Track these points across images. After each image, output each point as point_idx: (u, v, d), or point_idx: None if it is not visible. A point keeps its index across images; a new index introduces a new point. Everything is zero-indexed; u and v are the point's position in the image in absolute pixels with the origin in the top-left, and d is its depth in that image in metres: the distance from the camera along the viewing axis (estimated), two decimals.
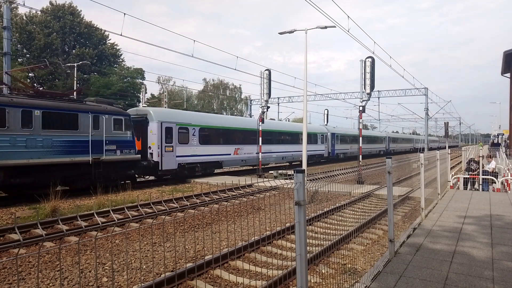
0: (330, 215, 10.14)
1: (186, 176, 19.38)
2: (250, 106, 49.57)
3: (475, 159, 15.84)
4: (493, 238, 6.54)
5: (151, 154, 17.32)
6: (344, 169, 5.08)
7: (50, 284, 5.76)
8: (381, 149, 51.49)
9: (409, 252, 5.75)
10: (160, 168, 17.39)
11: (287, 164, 30.67)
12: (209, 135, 21.07)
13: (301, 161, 29.48)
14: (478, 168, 14.98)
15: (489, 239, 6.48)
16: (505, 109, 46.80)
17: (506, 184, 14.15)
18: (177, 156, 18.39)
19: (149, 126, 17.57)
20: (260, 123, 22.51)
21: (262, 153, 23.82)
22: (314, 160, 32.29)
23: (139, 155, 16.35)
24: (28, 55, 46.84)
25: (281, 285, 5.39)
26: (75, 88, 35.90)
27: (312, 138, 32.27)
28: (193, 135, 19.60)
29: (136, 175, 17.66)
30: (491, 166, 15.01)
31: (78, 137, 13.89)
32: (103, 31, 51.47)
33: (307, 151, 29.05)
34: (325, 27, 17.63)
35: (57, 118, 13.33)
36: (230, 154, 22.60)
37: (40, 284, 5.73)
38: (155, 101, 56.07)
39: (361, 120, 20.45)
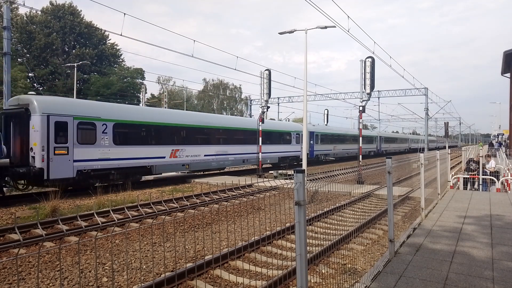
0: (330, 215, 10.14)
1: (93, 186, 14.96)
2: (250, 106, 49.67)
3: (474, 159, 15.81)
4: (493, 238, 6.54)
5: (33, 157, 12.96)
6: (344, 169, 5.08)
7: (50, 284, 5.76)
8: (371, 150, 47.26)
9: (409, 252, 5.75)
10: (46, 177, 12.92)
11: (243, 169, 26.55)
12: (130, 133, 16.28)
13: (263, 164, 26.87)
14: (478, 168, 14.97)
15: (489, 239, 6.48)
16: (505, 109, 46.85)
17: (506, 184, 14.15)
18: (75, 161, 13.89)
19: (31, 121, 13.12)
20: (260, 123, 22.49)
21: (204, 155, 20.02)
22: (286, 162, 27.32)
23: (7, 160, 12.46)
24: (28, 55, 46.86)
25: (281, 285, 5.39)
26: (75, 89, 35.93)
27: (283, 137, 27.51)
28: (103, 132, 14.87)
29: (13, 186, 13.84)
30: (491, 165, 15.00)
31: None
32: (103, 31, 51.55)
33: (273, 152, 26.03)
34: (325, 27, 17.64)
35: None
36: (164, 157, 17.66)
37: (40, 284, 5.73)
38: (155, 101, 56.15)
39: (361, 120, 20.46)
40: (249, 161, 24.11)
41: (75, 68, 36.82)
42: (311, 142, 31.44)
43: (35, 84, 43.23)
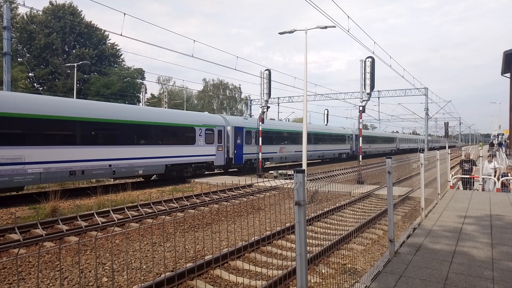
0: (330, 215, 10.14)
1: None
2: (250, 106, 49.67)
3: (464, 158, 15.45)
4: (493, 238, 6.54)
5: None
6: (344, 169, 5.08)
7: (50, 284, 5.76)
8: (344, 152, 39.14)
9: (409, 252, 5.75)
10: None
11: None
12: None
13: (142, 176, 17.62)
14: (471, 167, 14.79)
15: (489, 239, 6.48)
16: (505, 109, 46.91)
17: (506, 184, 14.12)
18: None
19: None
20: (260, 123, 22.47)
21: (17, 164, 11.67)
22: (187, 172, 19.04)
23: None
24: (28, 55, 46.86)
25: (281, 285, 5.39)
26: (75, 88, 35.92)
27: (180, 134, 18.46)
28: None
29: None
30: (494, 166, 14.90)
31: None
32: (103, 31, 51.58)
33: (152, 157, 16.61)
34: (325, 27, 17.65)
35: None
36: None
37: (40, 284, 5.73)
38: (155, 101, 56.16)
39: (361, 120, 20.46)
40: (88, 173, 14.14)
41: (75, 68, 36.82)
42: (237, 141, 22.66)
43: (35, 84, 43.24)
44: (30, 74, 43.14)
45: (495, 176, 14.53)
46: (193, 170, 19.44)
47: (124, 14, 14.98)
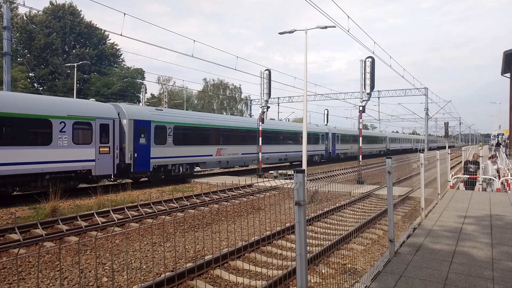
0: (330, 215, 10.14)
1: None
2: (250, 106, 49.66)
3: (470, 159, 15.44)
4: (493, 238, 6.54)
5: None
6: (344, 169, 5.08)
7: (50, 284, 5.76)
8: (317, 153, 32.50)
9: (409, 252, 5.74)
10: None
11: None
12: None
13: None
14: (477, 169, 14.79)
15: (489, 239, 6.48)
16: (505, 109, 46.93)
17: (506, 184, 14.13)
18: None
19: None
20: (260, 123, 22.46)
21: None
22: (44, 186, 12.82)
23: None
24: (28, 55, 46.86)
25: (281, 285, 5.39)
26: (75, 88, 35.93)
27: (22, 128, 12.21)
28: None
29: None
30: (497, 167, 14.85)
31: None
32: (103, 31, 51.59)
33: (21, 162, 11.53)
34: (325, 27, 17.65)
35: None
36: None
37: (40, 284, 5.73)
38: (155, 101, 56.15)
39: (361, 120, 20.46)
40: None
41: (75, 68, 36.82)
42: (141, 140, 16.42)
43: (35, 84, 43.24)
44: (30, 74, 43.15)
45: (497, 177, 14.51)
46: (53, 184, 12.79)
47: (124, 14, 14.99)
